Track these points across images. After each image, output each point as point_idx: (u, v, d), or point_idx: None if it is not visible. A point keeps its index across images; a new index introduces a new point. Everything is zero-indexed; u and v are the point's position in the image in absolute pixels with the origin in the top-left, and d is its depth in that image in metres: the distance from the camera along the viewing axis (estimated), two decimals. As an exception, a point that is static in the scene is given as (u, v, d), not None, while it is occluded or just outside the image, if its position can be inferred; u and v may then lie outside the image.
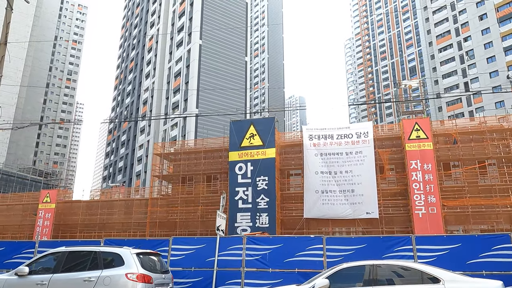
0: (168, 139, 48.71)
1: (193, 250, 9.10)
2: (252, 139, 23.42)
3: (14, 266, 8.13)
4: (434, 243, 7.96)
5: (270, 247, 8.69)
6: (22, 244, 9.76)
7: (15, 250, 9.26)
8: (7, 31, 10.49)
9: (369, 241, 8.33)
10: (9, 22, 10.51)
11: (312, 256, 8.24)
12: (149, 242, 9.59)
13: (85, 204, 27.96)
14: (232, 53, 49.70)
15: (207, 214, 24.73)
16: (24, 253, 9.15)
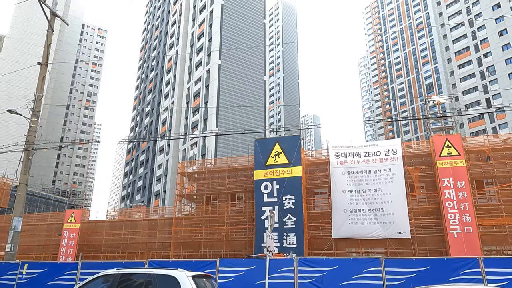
0: (188, 159, 48.83)
1: (242, 272, 8.77)
2: (277, 157, 23.17)
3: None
4: (505, 266, 7.46)
5: (324, 269, 8.30)
6: (64, 265, 9.60)
7: (57, 272, 9.10)
8: (48, 52, 10.65)
9: (432, 263, 7.86)
10: (50, 43, 10.72)
11: (370, 279, 7.81)
12: (195, 264, 9.29)
13: (109, 224, 27.91)
14: (251, 72, 50.08)
15: (231, 234, 24.38)
16: (67, 275, 8.99)
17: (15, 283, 9.26)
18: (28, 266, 9.33)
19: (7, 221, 30.85)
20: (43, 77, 10.79)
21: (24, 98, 72.75)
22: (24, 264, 9.41)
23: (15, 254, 10.60)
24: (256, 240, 21.99)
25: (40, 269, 9.22)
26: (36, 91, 10.80)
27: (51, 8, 10.74)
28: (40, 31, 78.40)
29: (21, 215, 10.84)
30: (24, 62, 71.85)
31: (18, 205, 10.65)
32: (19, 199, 10.70)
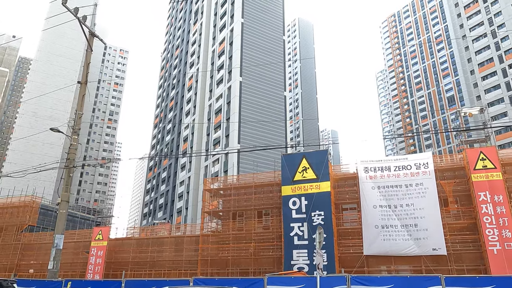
0: (210, 175, 48.90)
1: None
2: (305, 173, 22.89)
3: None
4: None
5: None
6: (108, 283, 9.54)
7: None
8: (87, 71, 10.87)
9: (499, 281, 7.47)
10: (89, 62, 10.94)
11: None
12: (242, 282, 9.07)
13: (135, 241, 27.93)
14: (271, 88, 50.30)
15: (259, 251, 24.01)
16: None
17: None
18: (72, 284, 9.30)
19: (36, 239, 31.33)
20: (83, 95, 11.02)
21: (50, 118, 74.91)
22: (68, 282, 9.39)
23: (57, 272, 10.63)
24: (285, 258, 21.60)
25: (84, 287, 9.17)
26: (76, 109, 11.02)
27: (90, 29, 11.04)
28: (64, 53, 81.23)
29: (63, 232, 10.91)
30: (50, 83, 74.29)
31: (60, 223, 10.72)
32: (60, 217, 10.79)
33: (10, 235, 31.31)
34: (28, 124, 71.90)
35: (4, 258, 30.18)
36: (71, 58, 79.28)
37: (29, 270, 28.99)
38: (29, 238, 30.79)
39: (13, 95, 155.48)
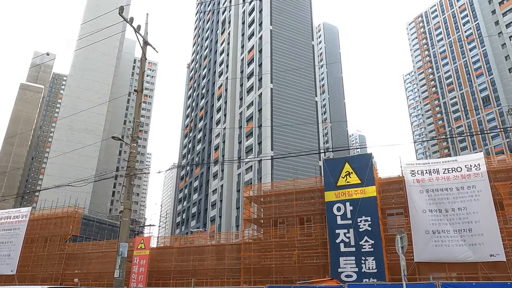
0: (243, 183, 48.83)
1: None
2: (348, 178, 22.33)
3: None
4: None
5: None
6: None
7: None
8: (143, 79, 10.93)
9: None
10: (144, 71, 10.99)
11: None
12: None
13: (176, 250, 28.02)
14: (302, 94, 49.96)
15: (303, 259, 23.54)
16: None
17: None
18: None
19: (79, 248, 31.95)
20: (140, 103, 11.09)
21: (85, 131, 77.22)
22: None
23: (123, 280, 10.63)
24: (331, 265, 21.04)
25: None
26: (134, 117, 11.12)
27: (144, 37, 11.15)
28: (97, 68, 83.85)
29: (127, 240, 10.93)
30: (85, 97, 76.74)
31: (123, 231, 10.74)
32: (124, 224, 10.81)
33: (54, 245, 32.08)
34: (64, 137, 74.34)
35: (49, 268, 30.91)
36: (103, 72, 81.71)
37: (74, 279, 29.56)
38: (73, 248, 31.44)
39: (48, 110, 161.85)
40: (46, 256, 31.35)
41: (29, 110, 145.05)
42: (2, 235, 33.42)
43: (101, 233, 35.56)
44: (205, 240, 36.29)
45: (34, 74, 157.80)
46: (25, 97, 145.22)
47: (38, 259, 31.48)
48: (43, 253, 31.64)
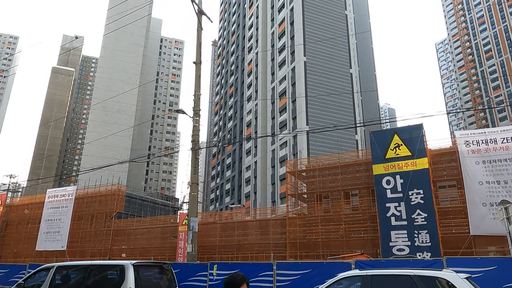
0: (278, 159, 48.57)
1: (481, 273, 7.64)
2: (397, 150, 21.52)
3: None
4: None
5: None
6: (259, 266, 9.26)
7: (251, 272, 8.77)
8: (200, 51, 10.51)
9: None
10: (201, 42, 10.55)
11: None
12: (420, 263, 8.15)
13: (220, 225, 28.30)
14: (337, 66, 48.52)
15: (349, 233, 23.22)
16: (262, 276, 8.62)
17: (207, 284, 9.13)
18: (218, 267, 9.15)
19: (124, 225, 32.89)
20: (199, 76, 10.77)
21: (118, 111, 78.60)
22: (213, 265, 9.26)
23: (196, 255, 10.64)
24: (382, 239, 20.58)
25: (231, 270, 8.96)
26: (195, 90, 10.84)
27: (198, 5, 10.70)
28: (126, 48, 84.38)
29: (197, 215, 10.88)
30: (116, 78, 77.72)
31: (192, 205, 10.67)
32: (193, 199, 10.72)
33: (100, 222, 33.11)
34: (99, 118, 75.99)
35: (97, 244, 32.01)
36: (132, 53, 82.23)
37: (121, 254, 30.53)
38: (118, 224, 32.34)
39: (79, 92, 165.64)
40: (94, 232, 32.45)
41: (61, 93, 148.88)
42: (51, 213, 34.70)
43: (144, 210, 36.42)
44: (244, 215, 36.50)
45: (65, 58, 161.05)
46: (57, 81, 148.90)
47: (86, 235, 32.60)
48: (90, 229, 32.71)
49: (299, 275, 8.14)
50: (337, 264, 8.47)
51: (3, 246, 36.74)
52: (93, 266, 8.16)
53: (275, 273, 8.43)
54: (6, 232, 37.36)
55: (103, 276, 8.05)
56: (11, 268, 12.30)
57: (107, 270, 8.22)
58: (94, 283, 7.92)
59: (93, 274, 8.00)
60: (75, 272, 8.53)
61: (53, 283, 8.20)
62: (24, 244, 35.06)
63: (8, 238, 36.66)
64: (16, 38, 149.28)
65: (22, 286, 8.53)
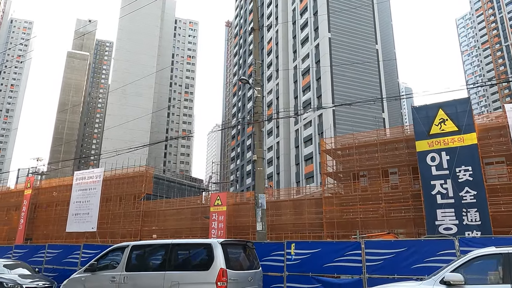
0: (302, 139, 47.74)
1: None
2: (443, 125, 20.48)
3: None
4: None
5: None
6: (343, 244, 8.64)
7: (334, 252, 8.14)
8: (258, 16, 9.70)
9: None
10: (258, 7, 9.69)
11: None
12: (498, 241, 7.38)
13: (252, 206, 27.83)
14: (362, 42, 46.93)
15: (389, 212, 22.50)
16: (347, 255, 7.99)
17: (284, 264, 8.59)
18: (296, 246, 8.58)
19: (154, 206, 32.77)
20: (258, 43, 10.01)
21: (136, 94, 78.33)
22: (290, 244, 8.70)
23: (266, 233, 10.10)
24: (427, 218, 19.80)
25: (312, 249, 8.40)
26: (254, 58, 10.10)
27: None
28: (143, 30, 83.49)
29: (264, 191, 10.29)
30: (134, 60, 77.14)
31: (259, 181, 10.07)
32: (259, 174, 10.11)
33: (129, 203, 33.08)
34: (118, 101, 75.89)
35: (127, 225, 32.04)
36: (149, 34, 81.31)
37: (152, 235, 30.48)
38: (147, 205, 32.23)
39: (94, 76, 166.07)
40: (123, 213, 32.46)
41: (77, 78, 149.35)
42: (79, 195, 34.75)
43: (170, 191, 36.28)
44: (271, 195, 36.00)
45: (79, 42, 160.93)
46: (73, 65, 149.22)
47: (115, 217, 32.63)
48: (119, 211, 32.71)
49: (393, 254, 7.50)
50: (437, 242, 7.77)
51: (34, 227, 37.13)
52: (175, 245, 7.64)
53: (363, 252, 7.79)
54: (36, 214, 37.70)
55: (186, 255, 7.55)
56: (64, 249, 11.97)
57: (190, 249, 7.71)
58: (177, 263, 7.43)
59: (175, 253, 7.51)
60: (153, 251, 8.07)
61: (130, 262, 7.76)
62: (54, 225, 35.34)
63: (38, 220, 37.02)
64: (31, 23, 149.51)
65: (95, 266, 8.09)
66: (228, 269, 6.69)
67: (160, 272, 7.18)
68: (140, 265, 7.88)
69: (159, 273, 7.16)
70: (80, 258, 10.97)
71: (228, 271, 6.63)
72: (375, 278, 7.38)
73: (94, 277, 7.95)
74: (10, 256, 12.75)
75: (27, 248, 13.19)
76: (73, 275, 8.53)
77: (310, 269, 8.24)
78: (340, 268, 7.95)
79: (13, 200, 40.20)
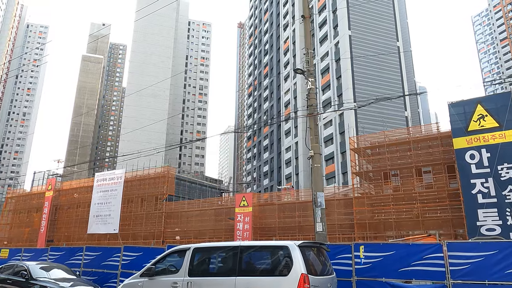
0: (322, 139, 46.98)
1: None
2: (482, 121, 19.54)
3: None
4: None
5: None
6: (424, 246, 7.92)
7: (415, 253, 7.43)
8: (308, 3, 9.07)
9: None
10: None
11: None
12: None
13: (277, 206, 27.24)
14: (383, 39, 45.96)
15: (423, 212, 21.62)
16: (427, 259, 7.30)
17: (352, 268, 7.93)
18: (366, 249, 7.92)
19: (176, 207, 32.35)
20: (309, 31, 9.43)
21: (152, 95, 78.42)
22: (359, 246, 8.05)
23: (326, 235, 9.51)
24: (467, 219, 18.88)
25: (384, 252, 7.72)
26: (306, 47, 9.52)
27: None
28: (158, 32, 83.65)
29: (323, 189, 9.69)
30: (149, 62, 77.25)
31: (318, 179, 9.47)
32: (316, 171, 9.51)
33: (151, 204, 32.71)
34: (134, 103, 76.06)
35: (149, 226, 31.66)
36: (164, 36, 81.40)
37: (175, 237, 30.06)
38: (170, 206, 31.82)
39: (108, 79, 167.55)
40: (145, 215, 32.10)
41: (92, 81, 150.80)
42: (100, 197, 34.53)
43: (191, 192, 35.88)
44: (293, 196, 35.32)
45: (93, 45, 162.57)
46: (88, 68, 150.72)
47: (137, 218, 32.27)
48: (141, 212, 32.37)
49: (482, 257, 6.78)
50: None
51: (55, 229, 37.05)
52: (245, 247, 7.04)
53: (446, 255, 7.09)
54: (57, 216, 37.61)
55: (259, 259, 6.92)
56: (103, 251, 11.47)
57: (263, 252, 7.07)
58: (249, 267, 6.81)
59: (246, 257, 6.88)
60: (219, 254, 7.47)
61: (193, 267, 7.19)
62: (75, 227, 35.20)
63: (59, 222, 36.92)
64: (46, 27, 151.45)
65: (153, 270, 7.54)
66: (309, 274, 6.06)
67: (230, 278, 6.57)
68: (205, 269, 7.31)
69: (228, 279, 6.57)
70: (121, 261, 10.45)
71: (310, 277, 6.01)
72: (461, 284, 6.69)
73: (153, 282, 7.40)
74: (46, 258, 12.35)
75: (63, 250, 12.75)
76: (128, 280, 7.99)
77: (383, 273, 7.57)
78: (419, 273, 7.26)
79: (34, 202, 40.24)
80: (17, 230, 39.72)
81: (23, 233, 38.99)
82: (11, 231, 40.34)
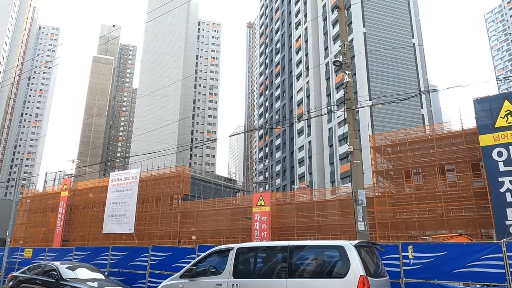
0: (336, 137, 46.44)
1: None
2: (509, 117, 18.95)
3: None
4: None
5: None
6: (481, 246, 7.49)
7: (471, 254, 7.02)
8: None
9: None
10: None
11: None
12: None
13: (295, 206, 26.88)
14: (398, 36, 45.25)
15: (447, 212, 21.06)
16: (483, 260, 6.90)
17: (400, 269, 7.56)
18: (414, 249, 7.55)
19: (191, 207, 32.15)
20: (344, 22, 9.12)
21: (164, 95, 78.53)
22: (407, 246, 7.67)
23: (369, 234, 9.15)
24: (495, 218, 18.30)
25: (435, 253, 7.33)
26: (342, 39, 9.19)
27: None
28: (169, 32, 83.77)
29: (363, 187, 9.34)
30: (161, 62, 77.40)
31: (358, 175, 9.10)
32: (356, 168, 9.15)
33: (166, 204, 32.56)
34: (146, 103, 76.26)
35: (164, 226, 31.51)
36: (175, 36, 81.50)
37: (191, 236, 29.87)
38: (185, 206, 31.63)
39: (119, 80, 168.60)
40: (160, 214, 31.95)
41: (103, 82, 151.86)
42: (115, 196, 34.47)
43: (206, 191, 35.67)
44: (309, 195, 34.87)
45: (104, 47, 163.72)
46: (98, 69, 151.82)
47: (152, 218, 32.15)
48: (156, 212, 32.24)
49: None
50: None
51: (70, 229, 37.13)
52: (295, 247, 6.70)
53: (505, 255, 6.68)
54: (72, 216, 37.68)
55: (311, 259, 6.57)
56: (130, 251, 11.23)
57: (315, 252, 6.73)
58: (301, 268, 6.47)
59: (297, 257, 6.54)
60: (266, 255, 7.15)
61: (237, 267, 6.88)
62: (90, 227, 35.20)
63: (75, 222, 36.99)
64: (57, 29, 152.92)
65: (194, 271, 7.25)
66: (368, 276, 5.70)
67: (280, 280, 6.25)
68: (251, 270, 7.00)
69: (278, 281, 6.24)
70: (149, 261, 10.20)
71: (369, 279, 5.65)
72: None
73: (194, 284, 7.11)
74: (71, 259, 12.16)
75: (89, 250, 12.55)
76: (167, 281, 7.72)
77: (435, 275, 7.18)
78: (475, 274, 6.85)
79: (49, 202, 40.41)
80: (32, 230, 39.93)
81: (39, 233, 39.17)
82: (27, 231, 40.58)
